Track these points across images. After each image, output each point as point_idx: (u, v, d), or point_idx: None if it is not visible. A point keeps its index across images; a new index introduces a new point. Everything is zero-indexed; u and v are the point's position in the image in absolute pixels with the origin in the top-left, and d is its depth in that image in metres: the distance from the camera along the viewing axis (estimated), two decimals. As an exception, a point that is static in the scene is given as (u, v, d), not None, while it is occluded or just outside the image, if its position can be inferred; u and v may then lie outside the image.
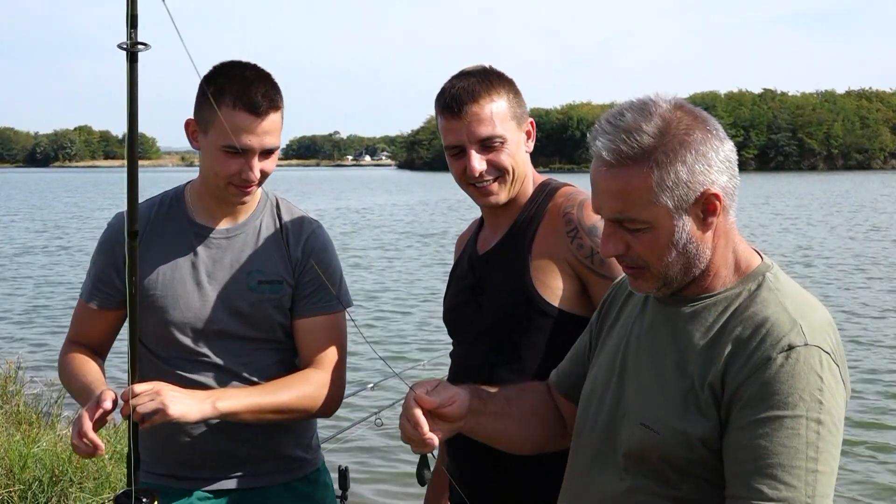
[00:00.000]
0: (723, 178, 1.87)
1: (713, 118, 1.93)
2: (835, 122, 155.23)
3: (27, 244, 29.72)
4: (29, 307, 17.14)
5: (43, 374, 10.70)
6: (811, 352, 1.76)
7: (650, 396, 1.90)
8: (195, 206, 2.85)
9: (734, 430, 1.77)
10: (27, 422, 7.69)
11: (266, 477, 2.85)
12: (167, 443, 2.77)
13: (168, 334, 2.78)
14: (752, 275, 1.91)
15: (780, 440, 1.72)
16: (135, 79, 2.30)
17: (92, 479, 5.82)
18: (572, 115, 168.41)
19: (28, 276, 21.78)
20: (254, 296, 2.78)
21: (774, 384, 1.74)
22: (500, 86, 2.57)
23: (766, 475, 1.71)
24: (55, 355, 10.96)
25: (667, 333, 1.94)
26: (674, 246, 1.88)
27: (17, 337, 14.04)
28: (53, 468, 5.78)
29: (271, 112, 2.65)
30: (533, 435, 2.28)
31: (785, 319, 1.79)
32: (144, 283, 2.73)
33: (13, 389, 9.01)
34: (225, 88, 2.63)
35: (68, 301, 17.68)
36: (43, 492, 5.67)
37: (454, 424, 2.12)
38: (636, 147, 1.84)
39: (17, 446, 6.04)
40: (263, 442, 2.82)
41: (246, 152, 2.64)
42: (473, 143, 2.54)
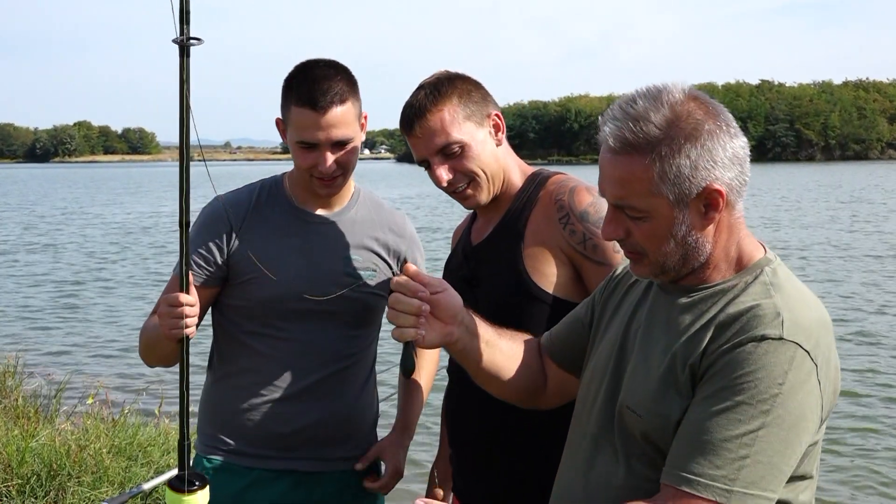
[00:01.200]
0: (728, 175, 1.84)
1: (727, 112, 1.91)
2: (832, 113, 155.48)
3: (24, 241, 29.71)
4: (27, 303, 17.12)
5: (41, 369, 10.72)
6: (784, 346, 1.73)
7: (637, 380, 1.91)
8: (294, 193, 2.95)
9: (692, 404, 1.78)
10: (25, 416, 7.68)
11: (329, 462, 2.92)
12: (236, 422, 2.87)
13: (258, 309, 2.86)
14: (750, 268, 1.90)
15: (721, 421, 1.72)
16: (187, 72, 2.43)
17: (90, 473, 5.80)
18: (570, 108, 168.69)
19: (25, 272, 21.77)
20: (349, 280, 2.88)
21: (736, 368, 1.73)
22: (448, 93, 2.57)
23: (698, 450, 1.73)
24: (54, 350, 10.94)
25: (661, 322, 1.94)
26: (672, 237, 1.87)
27: (15, 333, 14.02)
28: (51, 463, 5.77)
29: (335, 106, 2.71)
30: (515, 381, 2.28)
31: (769, 311, 1.77)
32: (244, 260, 2.84)
33: (12, 384, 9.01)
34: (293, 87, 2.75)
35: (66, 298, 17.71)
36: (41, 486, 5.65)
37: (446, 328, 2.12)
38: (641, 137, 1.82)
39: (15, 441, 6.03)
40: (336, 427, 2.91)
41: (316, 146, 2.74)
42: (434, 156, 2.57)
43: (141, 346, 2.91)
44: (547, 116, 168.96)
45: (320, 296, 2.83)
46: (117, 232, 31.93)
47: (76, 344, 13.06)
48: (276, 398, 2.85)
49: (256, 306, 2.85)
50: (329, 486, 2.92)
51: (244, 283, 2.84)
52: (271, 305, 2.84)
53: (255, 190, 2.96)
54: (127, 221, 37.04)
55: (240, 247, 2.84)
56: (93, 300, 17.01)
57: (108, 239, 29.42)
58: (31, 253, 25.68)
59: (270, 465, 2.87)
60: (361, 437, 3.00)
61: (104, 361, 11.83)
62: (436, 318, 2.10)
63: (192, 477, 2.43)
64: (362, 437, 3.00)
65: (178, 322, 2.53)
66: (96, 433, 6.38)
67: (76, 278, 20.18)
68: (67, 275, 20.77)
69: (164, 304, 2.58)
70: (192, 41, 2.40)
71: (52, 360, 11.96)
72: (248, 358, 2.87)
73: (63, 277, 20.36)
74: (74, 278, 20.20)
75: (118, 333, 13.76)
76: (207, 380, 3.01)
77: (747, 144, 1.91)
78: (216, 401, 2.93)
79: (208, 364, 3.01)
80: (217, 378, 2.95)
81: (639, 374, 1.91)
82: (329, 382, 2.88)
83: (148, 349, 2.87)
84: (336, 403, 2.89)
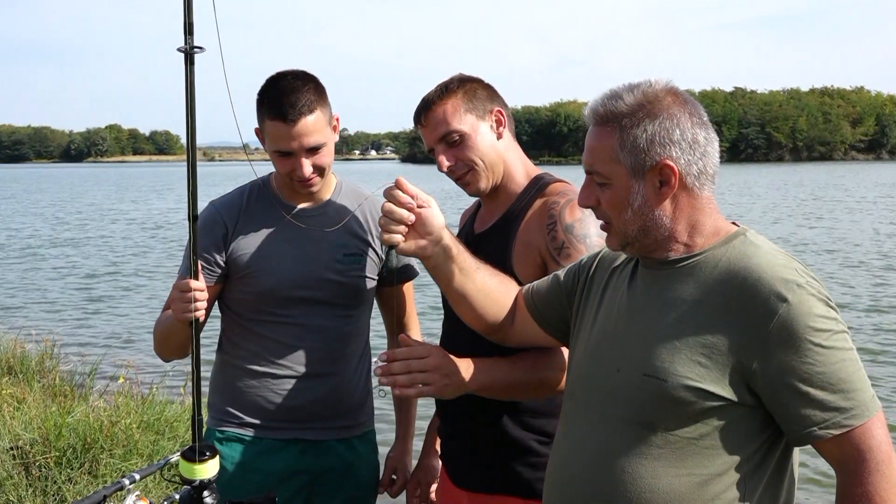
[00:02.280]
0: (684, 156, 1.88)
1: (701, 108, 1.95)
2: (800, 118, 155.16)
3: (60, 234, 29.72)
4: (66, 289, 17.13)
5: (77, 350, 10.73)
6: (809, 285, 1.79)
7: (650, 349, 1.88)
8: (281, 191, 2.96)
9: (778, 374, 1.77)
10: (62, 394, 7.70)
11: (331, 431, 2.96)
12: (246, 398, 2.91)
13: (257, 300, 2.89)
14: (731, 236, 1.91)
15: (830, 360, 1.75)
16: (192, 78, 2.46)
17: (121, 446, 5.81)
18: (560, 112, 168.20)
19: (63, 262, 21.78)
20: (341, 267, 2.92)
21: (796, 322, 1.75)
22: (453, 89, 2.63)
23: (835, 392, 1.75)
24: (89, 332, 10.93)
25: (657, 293, 1.94)
26: (629, 206, 1.92)
27: (53, 318, 14.03)
28: (86, 437, 5.77)
29: (304, 116, 2.73)
30: (483, 312, 2.32)
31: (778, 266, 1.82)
32: (241, 255, 2.88)
33: (50, 365, 9.03)
34: (265, 101, 2.77)
35: (100, 287, 17.73)
36: (76, 458, 5.66)
37: (421, 241, 2.20)
38: (610, 110, 1.92)
39: (53, 417, 6.04)
40: (335, 401, 2.95)
41: (291, 154, 2.77)
42: (437, 143, 2.62)
43: (155, 341, 2.95)
44: (538, 120, 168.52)
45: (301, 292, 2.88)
46: (145, 226, 31.93)
47: (108, 329, 13.07)
48: (281, 376, 2.90)
49: (256, 297, 2.89)
50: (330, 453, 2.97)
51: (243, 278, 2.88)
52: (270, 295, 2.88)
53: (245, 191, 2.99)
54: (153, 217, 37.03)
55: (236, 245, 2.88)
56: (125, 289, 17.01)
57: (137, 233, 29.41)
58: (68, 245, 25.69)
59: (278, 435, 2.92)
60: (357, 408, 3.04)
61: (134, 345, 11.84)
62: (415, 231, 2.19)
63: (202, 448, 2.47)
64: (358, 408, 3.05)
65: (189, 305, 2.57)
66: (127, 410, 6.39)
67: (110, 269, 20.19)
68: (101, 265, 20.79)
69: (176, 291, 2.63)
70: (195, 49, 2.43)
71: (88, 342, 11.97)
72: (253, 341, 2.92)
73: (97, 268, 20.37)
74: (108, 269, 20.22)
75: (148, 319, 13.77)
76: (217, 361, 3.04)
77: (714, 140, 1.94)
78: (226, 379, 2.97)
79: (217, 347, 3.05)
80: (226, 359, 2.99)
81: (651, 343, 1.89)
82: (328, 360, 2.93)
83: (162, 341, 2.90)
84: (335, 378, 2.95)
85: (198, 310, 2.58)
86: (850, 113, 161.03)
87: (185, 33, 2.45)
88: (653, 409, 1.86)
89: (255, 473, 2.88)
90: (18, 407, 6.71)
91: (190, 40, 2.45)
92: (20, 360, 8.77)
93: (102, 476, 5.53)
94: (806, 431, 1.77)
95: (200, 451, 2.47)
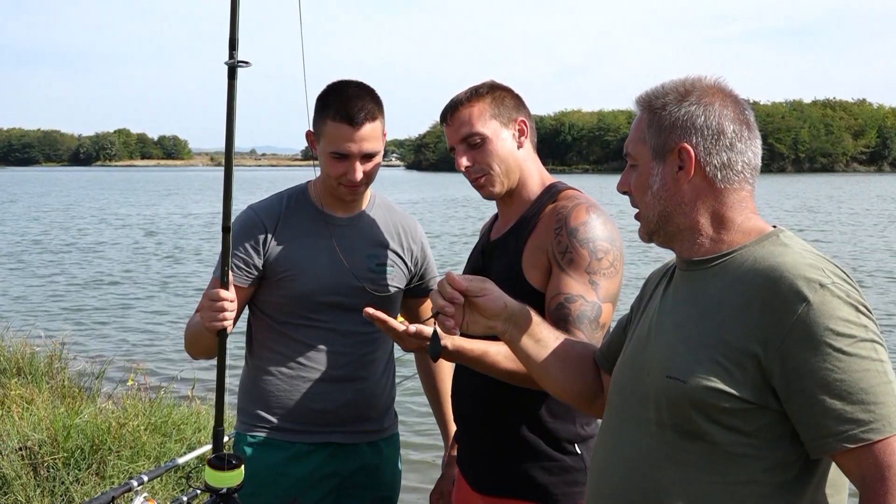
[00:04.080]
0: (704, 144, 1.87)
1: (748, 110, 1.93)
2: (802, 129, 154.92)
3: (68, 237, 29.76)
4: (75, 291, 17.16)
5: (85, 353, 10.74)
6: (836, 286, 1.71)
7: (675, 350, 1.84)
8: (320, 200, 3.03)
9: (794, 378, 1.69)
10: (71, 395, 7.72)
11: (359, 435, 3.02)
12: (277, 402, 2.95)
13: (291, 303, 2.95)
14: (763, 236, 1.86)
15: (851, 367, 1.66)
16: (233, 91, 2.58)
17: (129, 447, 5.82)
18: (564, 122, 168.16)
19: (72, 263, 21.81)
20: (373, 275, 3.00)
21: (816, 324, 1.67)
22: (483, 94, 2.68)
23: (853, 402, 1.65)
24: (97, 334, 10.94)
25: (686, 293, 1.91)
26: (649, 188, 1.92)
27: (62, 320, 14.05)
28: (94, 438, 5.78)
29: (367, 122, 2.82)
30: (571, 385, 2.24)
31: (803, 265, 1.73)
32: (279, 259, 2.94)
33: (58, 366, 9.03)
34: (330, 104, 2.85)
35: (109, 290, 17.74)
36: (84, 459, 5.67)
37: (489, 322, 2.15)
38: (649, 93, 1.95)
39: (61, 418, 6.04)
40: (363, 404, 3.01)
41: (348, 157, 2.84)
42: (458, 143, 2.67)
43: (186, 340, 2.99)
44: (542, 129, 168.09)
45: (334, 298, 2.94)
46: (154, 231, 31.96)
47: (117, 332, 13.08)
48: (312, 379, 2.95)
49: (291, 301, 2.94)
50: (359, 456, 3.02)
51: (280, 281, 2.94)
52: (304, 299, 2.93)
53: (284, 198, 3.05)
54: (161, 221, 37.07)
55: (274, 249, 2.94)
56: (134, 294, 17.02)
57: (146, 237, 29.45)
58: (76, 250, 25.71)
59: (309, 439, 2.96)
60: (384, 411, 3.11)
61: (142, 348, 11.85)
62: (479, 315, 2.13)
63: (230, 457, 2.52)
64: (385, 411, 3.11)
65: (218, 315, 2.63)
66: (134, 412, 6.40)
67: (119, 274, 20.21)
68: (112, 269, 20.79)
69: (206, 299, 2.69)
70: (240, 64, 2.55)
71: (96, 343, 11.99)
72: (285, 345, 2.96)
73: (107, 272, 20.40)
74: (118, 274, 20.23)
75: (155, 324, 13.79)
76: (247, 366, 3.08)
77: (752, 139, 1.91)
78: (257, 384, 3.00)
79: (247, 352, 3.09)
80: (256, 363, 3.03)
81: (676, 345, 1.84)
82: (356, 365, 2.98)
83: (192, 342, 2.94)
84: (365, 382, 3.00)
85: (226, 320, 2.64)
86: (851, 125, 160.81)
87: (230, 48, 2.55)
88: (678, 412, 1.81)
89: (286, 478, 2.92)
90: (27, 408, 6.71)
91: (235, 55, 2.54)
92: (29, 361, 8.78)
93: (110, 477, 5.54)
94: (821, 441, 1.68)
95: (228, 459, 2.51)
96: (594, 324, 2.45)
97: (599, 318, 2.47)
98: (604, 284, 2.50)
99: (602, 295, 2.49)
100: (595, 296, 2.48)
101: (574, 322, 2.44)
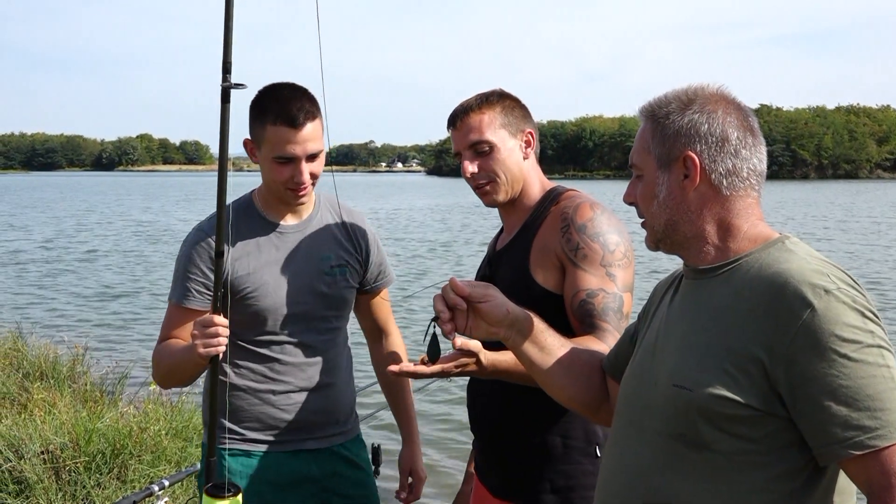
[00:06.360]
0: (709, 152, 1.86)
1: (752, 117, 1.92)
2: (825, 135, 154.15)
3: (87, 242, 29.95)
4: (98, 295, 17.28)
5: (107, 358, 10.80)
6: (841, 292, 1.69)
7: (681, 359, 1.83)
8: (265, 208, 3.00)
9: (800, 384, 1.67)
10: (92, 400, 7.75)
11: (328, 439, 3.04)
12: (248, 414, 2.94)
13: (255, 320, 2.91)
14: (769, 243, 1.85)
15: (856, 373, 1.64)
16: (226, 115, 2.57)
17: (150, 452, 5.85)
18: (585, 127, 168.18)
19: (94, 268, 21.96)
20: (329, 279, 2.98)
21: (821, 329, 1.65)
22: (493, 102, 2.68)
23: (859, 408, 1.63)
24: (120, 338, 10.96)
25: (692, 302, 1.90)
26: (655, 197, 1.91)
27: (85, 322, 14.15)
28: (115, 442, 5.81)
29: (308, 122, 2.78)
30: (577, 392, 2.23)
31: (808, 271, 1.72)
32: (237, 277, 2.89)
33: (80, 370, 9.10)
34: (267, 108, 2.80)
35: (135, 294, 17.83)
36: (106, 463, 5.70)
37: (491, 328, 2.14)
38: (653, 103, 1.94)
39: (83, 422, 6.07)
40: (332, 409, 3.03)
41: (293, 160, 2.80)
42: (465, 149, 2.68)
43: (161, 370, 2.94)
44: (564, 135, 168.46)
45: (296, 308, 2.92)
46: (175, 236, 32.13)
47: (139, 336, 13.15)
48: (282, 391, 2.94)
49: (253, 316, 2.91)
50: (330, 459, 3.04)
51: (241, 299, 2.88)
52: (267, 313, 2.91)
53: (230, 213, 2.96)
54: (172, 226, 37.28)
55: (230, 268, 2.87)
56: (159, 298, 17.13)
57: (169, 245, 29.60)
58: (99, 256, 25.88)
59: (281, 448, 2.96)
60: (349, 413, 3.13)
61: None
62: (482, 320, 2.14)
63: (229, 485, 2.52)
64: (350, 413, 3.14)
65: (212, 341, 2.60)
66: (155, 416, 6.43)
67: (142, 280, 20.33)
68: (135, 275, 20.93)
69: (199, 326, 2.63)
70: (234, 86, 2.53)
71: (118, 348, 12.05)
72: (251, 360, 2.94)
73: (132, 278, 20.54)
74: (141, 280, 20.36)
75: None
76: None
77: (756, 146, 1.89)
78: (224, 398, 2.94)
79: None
80: (222, 379, 2.94)
81: (681, 353, 1.84)
82: (324, 372, 2.99)
83: (170, 371, 2.90)
84: (331, 388, 3.02)
85: (221, 344, 2.61)
86: (875, 131, 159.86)
87: (223, 71, 2.53)
88: (684, 421, 1.79)
89: (264, 484, 2.92)
90: (50, 411, 6.75)
91: (228, 77, 2.52)
92: (52, 365, 8.85)
93: (131, 482, 5.57)
94: (828, 448, 1.67)
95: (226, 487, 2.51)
96: (619, 314, 2.47)
97: (623, 308, 2.49)
98: (620, 275, 2.51)
99: (621, 285, 2.51)
100: (615, 287, 2.49)
101: (599, 315, 2.45)
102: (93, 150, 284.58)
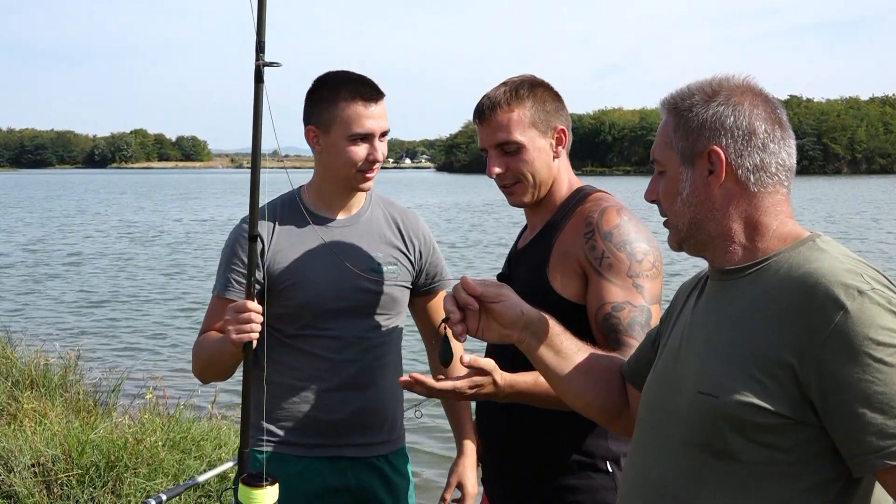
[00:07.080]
0: (735, 146, 1.84)
1: (780, 109, 1.90)
2: (859, 128, 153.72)
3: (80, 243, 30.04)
4: (89, 301, 17.32)
5: (101, 364, 10.83)
6: (876, 293, 1.67)
7: (706, 364, 1.81)
8: (315, 202, 3.05)
9: (832, 391, 1.65)
10: (85, 409, 7.78)
11: (370, 448, 3.04)
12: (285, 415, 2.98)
13: (295, 313, 2.96)
14: (799, 241, 1.83)
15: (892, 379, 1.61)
16: (260, 94, 2.62)
17: (146, 464, 5.84)
18: (604, 121, 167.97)
19: (89, 273, 22.02)
20: (376, 276, 3.01)
21: (854, 332, 1.63)
22: (525, 96, 2.63)
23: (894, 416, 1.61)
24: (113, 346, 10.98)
25: (718, 304, 1.88)
26: (678, 194, 1.90)
27: (77, 329, 14.19)
28: (109, 454, 5.81)
29: (381, 98, 2.89)
30: (594, 399, 2.22)
31: (841, 271, 1.70)
32: (279, 270, 2.95)
33: (73, 379, 9.09)
34: (338, 87, 2.87)
35: (126, 301, 17.89)
36: (100, 476, 5.70)
37: (504, 329, 2.14)
38: (675, 96, 1.93)
39: (75, 433, 6.09)
40: (373, 411, 3.03)
41: (369, 136, 2.88)
42: (492, 147, 2.65)
43: (199, 363, 3.02)
44: (581, 129, 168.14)
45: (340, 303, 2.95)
46: (170, 238, 32.20)
47: (133, 343, 13.19)
48: (321, 390, 2.97)
49: (295, 310, 2.95)
50: (371, 470, 3.04)
51: (282, 291, 2.94)
52: (309, 307, 2.95)
53: (277, 206, 3.06)
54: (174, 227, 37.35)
55: (273, 260, 2.95)
56: (151, 303, 17.17)
57: (164, 248, 29.68)
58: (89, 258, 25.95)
59: (319, 453, 2.97)
60: (395, 421, 3.13)
61: (159, 360, 11.93)
62: (495, 321, 2.14)
63: (266, 474, 2.54)
64: (395, 421, 3.13)
65: (245, 326, 2.66)
66: (152, 427, 6.42)
67: (136, 283, 20.40)
68: (133, 280, 21.00)
69: (232, 312, 2.70)
70: (269, 65, 2.60)
71: (112, 355, 12.08)
72: (291, 356, 2.97)
73: (127, 283, 20.60)
74: (135, 283, 20.42)
75: (173, 334, 13.89)
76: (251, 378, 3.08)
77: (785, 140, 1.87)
78: (262, 396, 2.99)
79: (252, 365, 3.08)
80: (261, 375, 2.98)
81: (707, 359, 1.82)
82: (367, 372, 3.00)
83: (208, 363, 2.98)
84: (375, 390, 3.02)
85: (253, 331, 2.67)
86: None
87: (257, 50, 2.59)
88: (711, 430, 1.77)
89: (297, 492, 2.91)
90: (40, 422, 6.76)
91: (262, 56, 2.58)
92: (43, 373, 8.83)
93: (126, 496, 5.57)
94: (862, 458, 1.63)
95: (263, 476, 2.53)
96: (646, 328, 2.41)
97: (651, 322, 2.44)
98: (648, 287, 2.48)
99: (648, 298, 2.47)
100: (642, 299, 2.46)
101: (625, 331, 2.42)
102: (84, 146, 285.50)
